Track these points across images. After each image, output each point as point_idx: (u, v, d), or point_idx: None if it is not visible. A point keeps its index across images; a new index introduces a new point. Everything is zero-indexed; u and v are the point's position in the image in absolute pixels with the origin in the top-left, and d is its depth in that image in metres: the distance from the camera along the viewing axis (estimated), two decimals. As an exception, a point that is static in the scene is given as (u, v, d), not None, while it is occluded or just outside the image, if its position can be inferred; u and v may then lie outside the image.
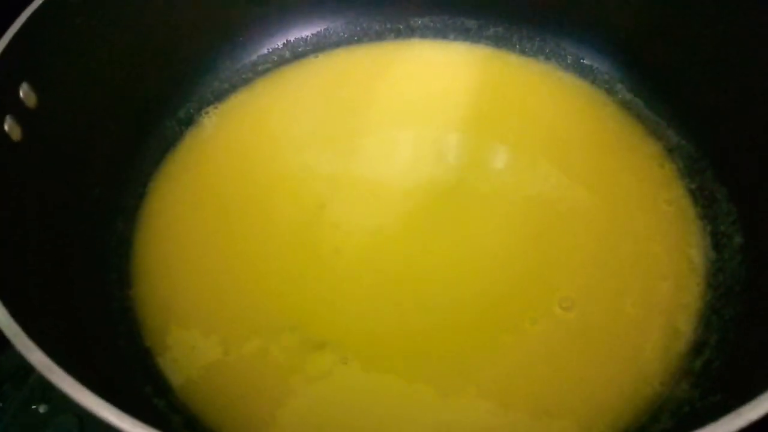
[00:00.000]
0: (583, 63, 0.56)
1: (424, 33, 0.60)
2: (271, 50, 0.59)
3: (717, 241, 0.45)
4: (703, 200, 0.47)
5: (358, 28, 0.60)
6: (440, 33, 0.60)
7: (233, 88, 0.57)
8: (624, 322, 0.42)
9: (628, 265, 0.45)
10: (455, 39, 0.59)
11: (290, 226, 0.48)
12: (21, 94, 0.40)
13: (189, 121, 0.54)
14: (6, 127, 0.39)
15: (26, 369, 0.44)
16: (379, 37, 0.60)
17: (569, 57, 0.56)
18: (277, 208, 0.49)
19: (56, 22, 0.42)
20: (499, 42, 0.58)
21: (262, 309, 0.44)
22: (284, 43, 0.59)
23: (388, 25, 0.60)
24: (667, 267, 0.44)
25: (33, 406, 0.44)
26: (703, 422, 0.28)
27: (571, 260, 0.45)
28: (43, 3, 0.40)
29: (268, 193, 0.50)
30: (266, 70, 0.58)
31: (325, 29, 0.60)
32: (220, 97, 0.56)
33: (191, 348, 0.42)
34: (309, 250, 0.46)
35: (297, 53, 0.59)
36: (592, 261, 0.45)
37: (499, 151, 0.52)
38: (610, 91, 0.54)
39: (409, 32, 0.60)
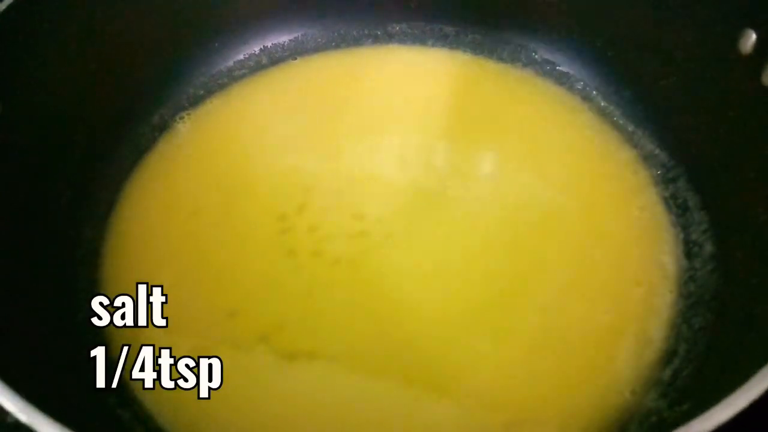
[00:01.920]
0: (559, 70, 0.56)
1: (402, 39, 0.60)
2: (247, 56, 0.58)
3: (688, 250, 0.45)
4: (676, 208, 0.47)
5: (336, 34, 0.60)
6: (418, 39, 0.60)
7: (209, 93, 0.56)
8: (598, 329, 0.42)
9: (602, 271, 0.45)
10: (433, 45, 0.59)
11: (267, 231, 0.47)
12: (-16, 101, 0.40)
13: (163, 127, 0.53)
14: (-31, 134, 0.38)
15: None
16: (356, 42, 0.60)
17: (546, 64, 0.56)
18: (253, 214, 0.48)
19: (21, 28, 0.42)
20: (476, 48, 0.58)
21: (236, 318, 0.43)
22: (261, 48, 0.59)
23: (366, 31, 0.60)
24: (641, 274, 0.44)
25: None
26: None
27: (546, 266, 0.45)
28: (6, 8, 0.40)
29: (244, 199, 0.49)
30: (242, 76, 0.57)
31: (302, 35, 0.60)
32: (195, 102, 0.55)
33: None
34: (286, 256, 0.46)
35: (274, 59, 0.59)
36: (567, 267, 0.45)
37: (476, 157, 0.52)
38: (585, 98, 0.54)
39: (387, 38, 0.60)
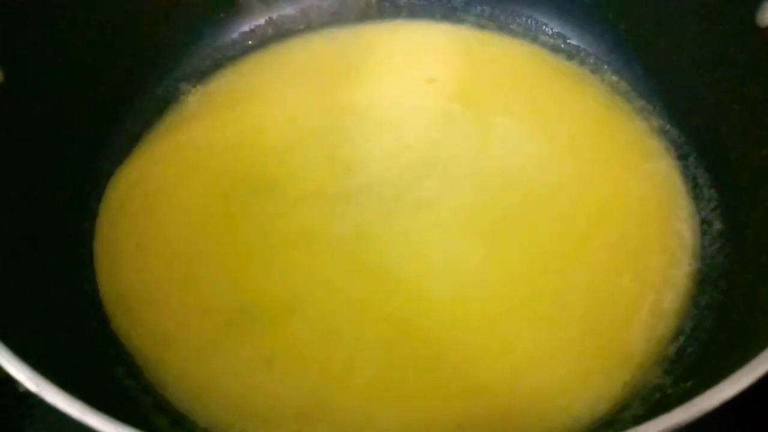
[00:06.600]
0: (570, 43, 0.55)
1: (410, 11, 0.59)
2: (253, 27, 0.58)
3: (698, 227, 0.44)
4: (687, 185, 0.46)
5: (343, 6, 0.59)
6: (426, 11, 0.58)
7: (214, 66, 0.55)
8: (619, 298, 0.42)
9: (623, 240, 0.44)
10: (442, 18, 0.58)
11: (271, 208, 0.47)
12: (-14, 70, 0.39)
13: (168, 99, 0.53)
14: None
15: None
16: (363, 15, 0.59)
17: (556, 37, 0.55)
18: (259, 190, 0.48)
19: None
20: (485, 21, 0.57)
21: (235, 290, 0.44)
22: (267, 20, 0.58)
23: (373, 3, 0.59)
24: (662, 242, 0.44)
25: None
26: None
27: (565, 237, 0.45)
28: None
29: (251, 174, 0.49)
30: (248, 48, 0.57)
31: (309, 6, 0.59)
32: (200, 75, 0.55)
33: (162, 330, 0.42)
34: (288, 234, 0.46)
35: (280, 31, 0.58)
36: (582, 240, 0.44)
37: (487, 130, 0.51)
38: (596, 72, 0.53)
39: (395, 10, 0.59)
